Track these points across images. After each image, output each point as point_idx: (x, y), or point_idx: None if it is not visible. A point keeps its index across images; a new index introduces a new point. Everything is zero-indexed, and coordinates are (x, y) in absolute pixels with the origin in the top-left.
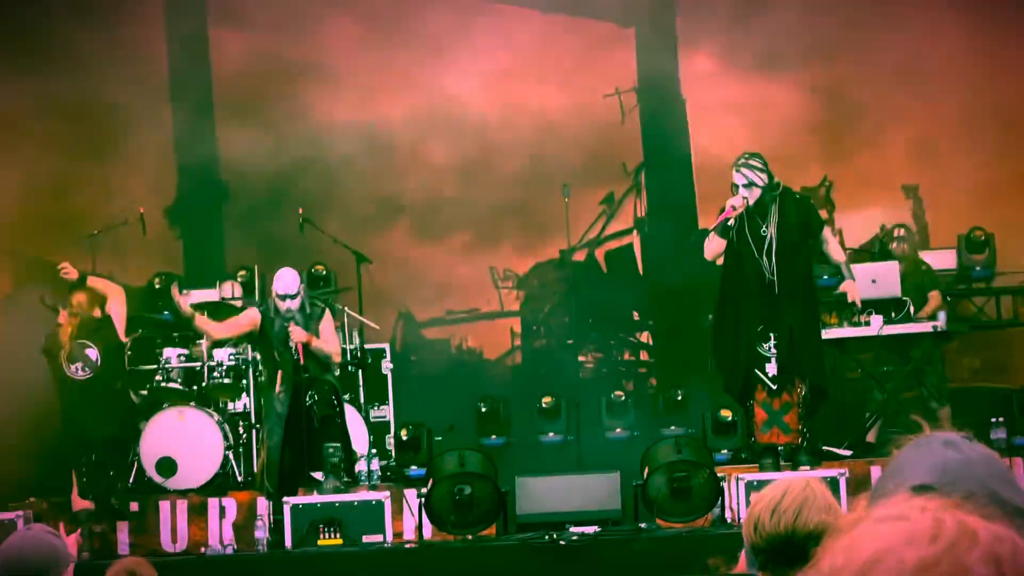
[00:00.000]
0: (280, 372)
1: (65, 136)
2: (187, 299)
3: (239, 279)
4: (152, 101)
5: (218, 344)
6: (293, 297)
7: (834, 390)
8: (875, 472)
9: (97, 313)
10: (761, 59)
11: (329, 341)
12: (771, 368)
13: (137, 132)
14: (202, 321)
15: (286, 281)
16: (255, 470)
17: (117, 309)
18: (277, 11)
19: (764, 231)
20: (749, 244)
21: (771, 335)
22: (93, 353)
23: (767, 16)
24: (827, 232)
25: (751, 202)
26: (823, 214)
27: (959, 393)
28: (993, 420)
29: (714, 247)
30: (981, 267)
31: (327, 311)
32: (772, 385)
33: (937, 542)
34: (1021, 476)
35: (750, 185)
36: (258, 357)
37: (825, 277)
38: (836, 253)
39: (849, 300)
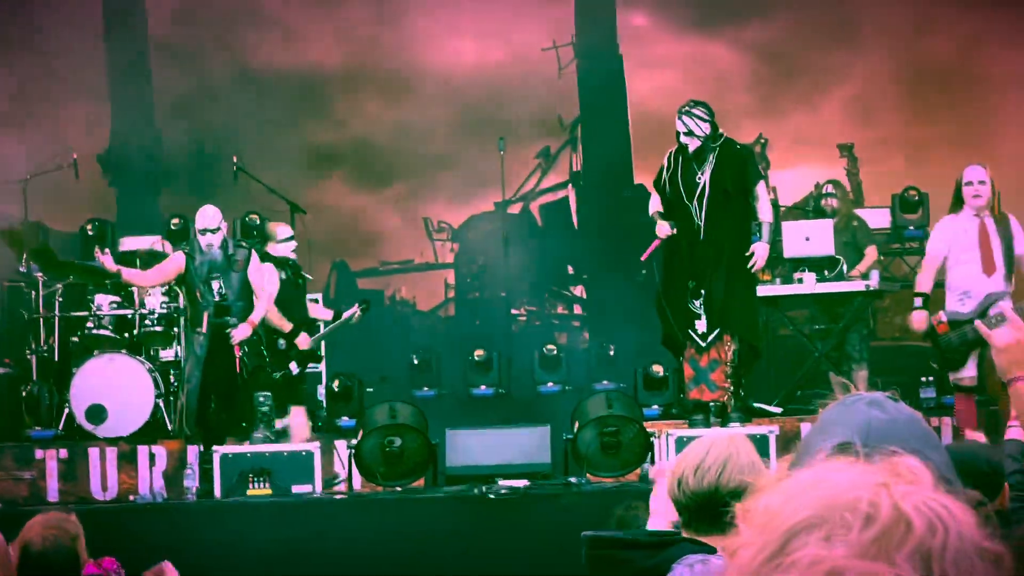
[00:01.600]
0: (205, 313)
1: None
2: (108, 257)
3: (172, 226)
4: (86, 46)
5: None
6: (214, 231)
7: (766, 347)
8: (804, 429)
9: None
10: (698, 16)
11: (258, 290)
12: (701, 324)
13: (70, 77)
14: (129, 274)
15: (207, 215)
16: (174, 413)
17: None
18: None
19: (699, 179)
20: (681, 194)
21: (701, 291)
22: None
23: None
24: (761, 188)
25: (691, 150)
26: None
27: (890, 351)
28: (923, 379)
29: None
30: (915, 226)
31: (253, 253)
32: (700, 342)
33: (871, 526)
34: (949, 435)
35: (690, 134)
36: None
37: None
38: (764, 211)
39: (751, 264)
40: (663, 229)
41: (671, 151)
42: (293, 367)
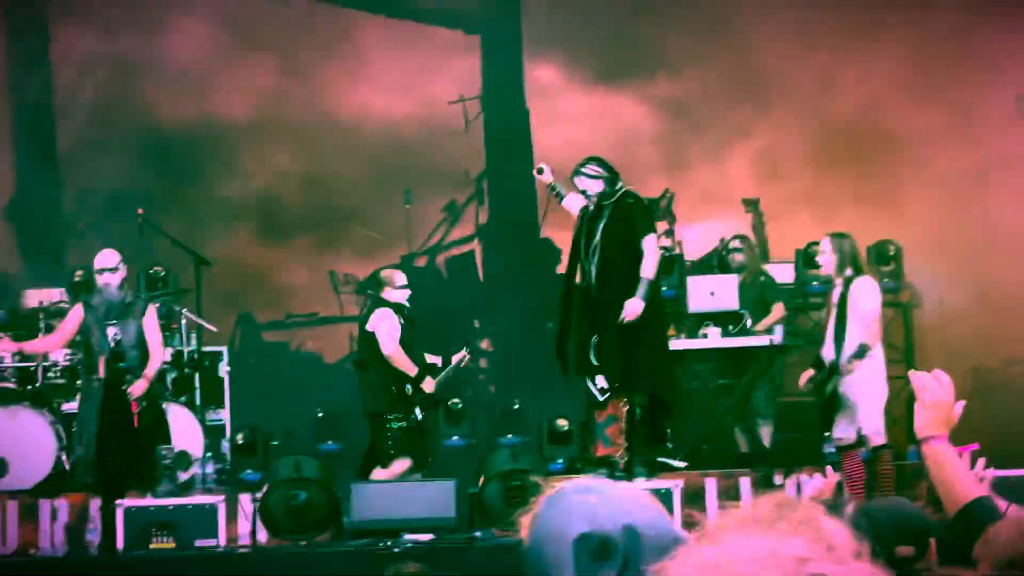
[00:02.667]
0: (101, 359)
1: None
2: (5, 342)
3: (76, 279)
4: None
5: None
6: (112, 270)
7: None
8: (709, 484)
9: None
10: (605, 70)
11: (153, 342)
12: (600, 380)
13: None
14: (32, 347)
15: (104, 256)
16: (74, 452)
17: None
18: (119, 9)
19: (595, 236)
20: (579, 250)
21: (600, 347)
22: None
23: (611, 28)
24: (648, 242)
25: (591, 207)
26: (663, 225)
27: (795, 407)
28: (825, 435)
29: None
30: (818, 282)
31: (150, 305)
32: (599, 397)
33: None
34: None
35: (584, 193)
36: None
37: (664, 288)
38: (646, 267)
39: (620, 318)
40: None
41: (581, 208)
42: (418, 413)
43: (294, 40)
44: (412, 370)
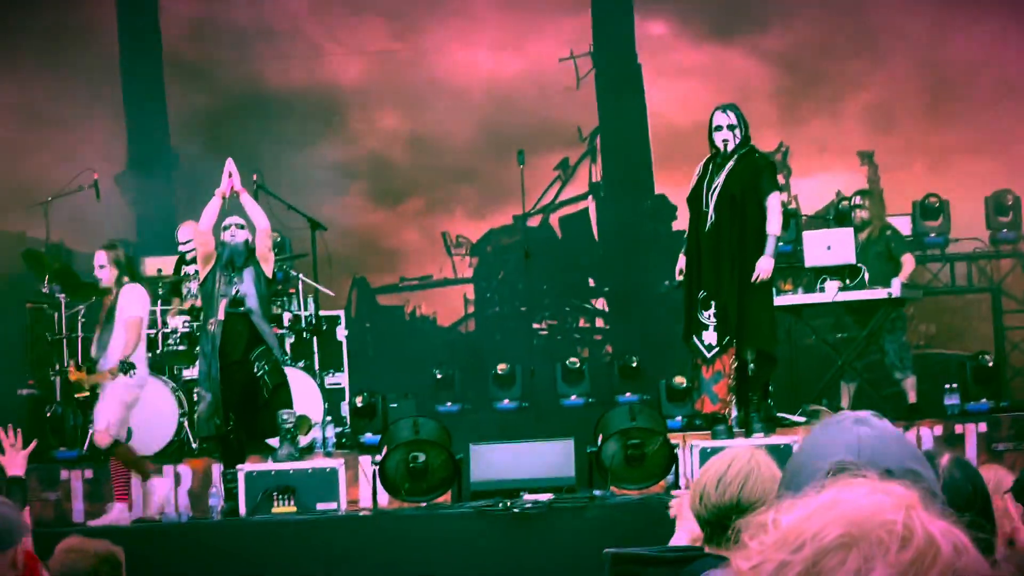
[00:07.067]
0: (223, 301)
1: (16, 101)
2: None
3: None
4: (102, 66)
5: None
6: (240, 227)
7: (790, 357)
8: None
9: None
10: (717, 24)
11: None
12: (708, 336)
13: (88, 98)
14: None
15: (233, 217)
16: (195, 417)
17: None
18: None
19: (714, 185)
20: (702, 200)
21: (711, 302)
22: None
23: None
24: (772, 199)
25: (729, 147)
26: (779, 179)
27: (915, 359)
28: (947, 386)
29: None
30: (936, 233)
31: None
32: (706, 353)
33: (907, 548)
34: (973, 442)
35: (723, 128)
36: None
37: (781, 244)
38: (771, 224)
39: (752, 277)
40: (680, 263)
41: (703, 161)
42: None
43: (401, 2)
44: None
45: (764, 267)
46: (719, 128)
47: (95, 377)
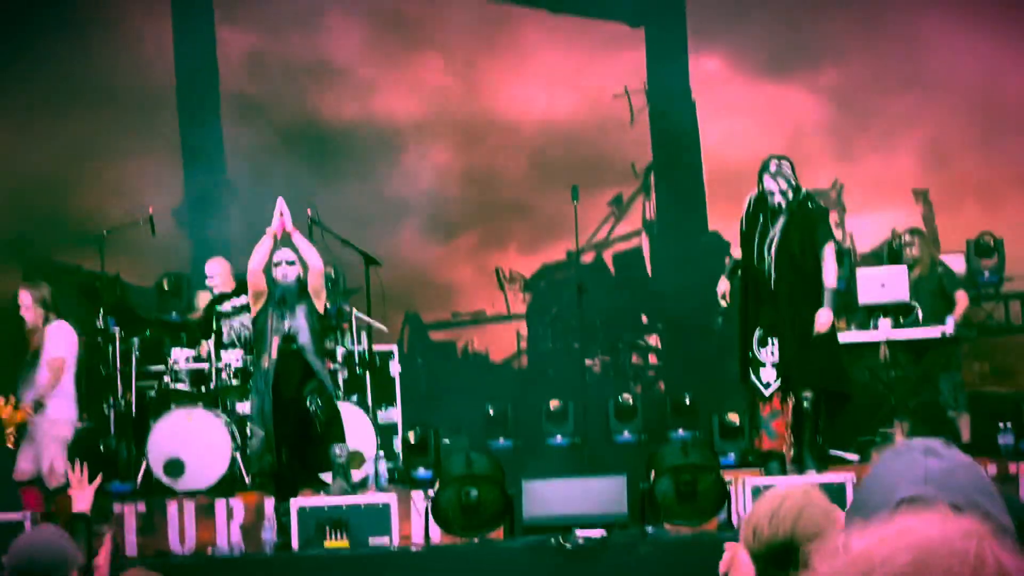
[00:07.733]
0: (275, 339)
1: (72, 135)
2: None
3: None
4: (158, 99)
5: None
6: (291, 264)
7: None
8: None
9: None
10: (772, 61)
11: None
12: (766, 374)
13: (144, 131)
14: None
15: (283, 252)
16: (248, 452)
17: None
18: (283, 9)
19: (771, 231)
20: (754, 240)
21: (770, 340)
22: None
23: (777, 17)
24: (828, 250)
25: (771, 205)
26: (833, 216)
27: (970, 398)
28: (1001, 425)
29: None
30: (990, 272)
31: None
32: (764, 391)
33: None
34: None
35: (772, 194)
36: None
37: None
38: (827, 276)
39: (815, 329)
40: (722, 286)
41: (751, 195)
42: None
43: (456, 37)
44: None
45: (823, 320)
46: (771, 193)
47: (18, 415)
